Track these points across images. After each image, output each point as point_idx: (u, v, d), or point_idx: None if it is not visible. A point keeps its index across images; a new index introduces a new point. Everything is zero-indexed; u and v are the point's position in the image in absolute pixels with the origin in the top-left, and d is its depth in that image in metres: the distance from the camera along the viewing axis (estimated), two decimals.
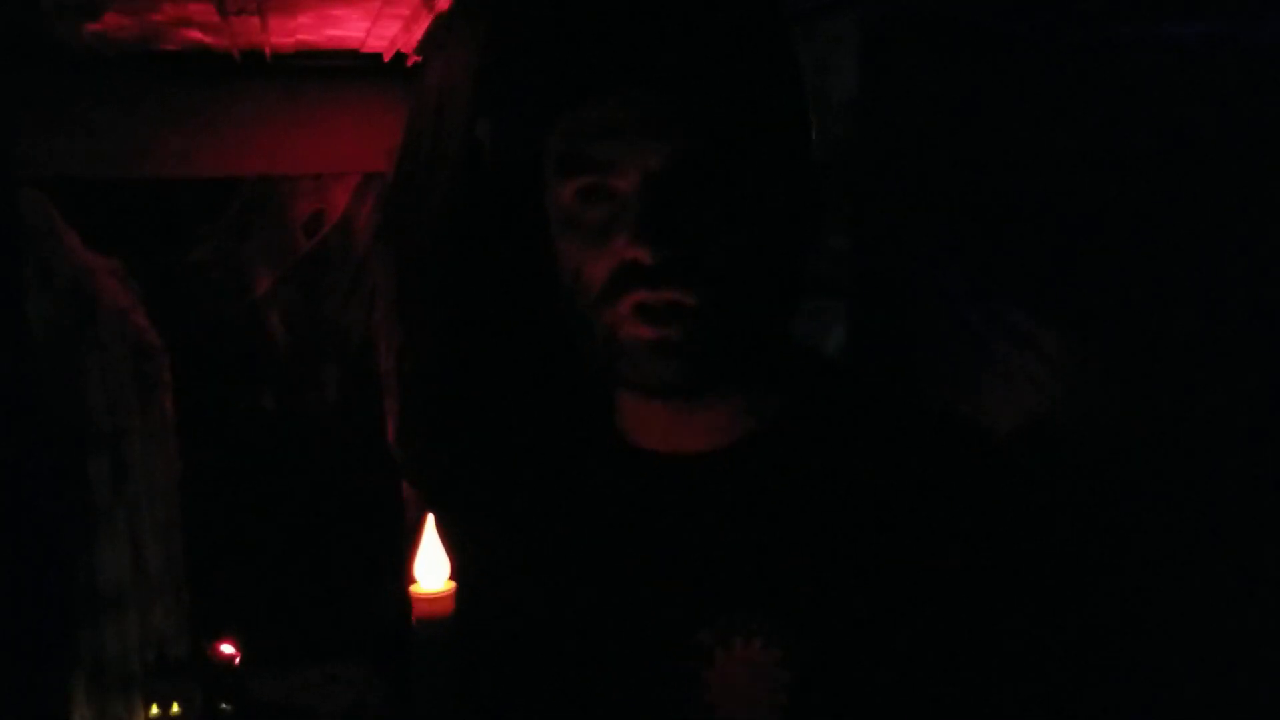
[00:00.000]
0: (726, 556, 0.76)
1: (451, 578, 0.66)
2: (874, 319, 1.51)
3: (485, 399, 2.14)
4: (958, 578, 0.73)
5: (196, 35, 2.40)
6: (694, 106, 0.73)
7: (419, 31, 2.39)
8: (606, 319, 0.75)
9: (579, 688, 0.77)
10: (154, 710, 2.34)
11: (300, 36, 2.45)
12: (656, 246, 0.72)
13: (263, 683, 2.51)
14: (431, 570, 0.65)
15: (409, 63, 2.57)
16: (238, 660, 2.51)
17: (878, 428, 0.80)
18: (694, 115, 0.73)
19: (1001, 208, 1.37)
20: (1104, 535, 1.14)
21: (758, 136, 0.76)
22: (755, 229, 0.75)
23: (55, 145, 2.40)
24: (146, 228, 2.67)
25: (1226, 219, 1.06)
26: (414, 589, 0.64)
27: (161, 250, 2.68)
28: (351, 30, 2.44)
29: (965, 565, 0.74)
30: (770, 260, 0.77)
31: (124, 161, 2.48)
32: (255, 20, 2.27)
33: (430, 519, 0.68)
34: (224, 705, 2.43)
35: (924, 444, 0.79)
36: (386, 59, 2.59)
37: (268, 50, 2.49)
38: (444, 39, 2.21)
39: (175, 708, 2.35)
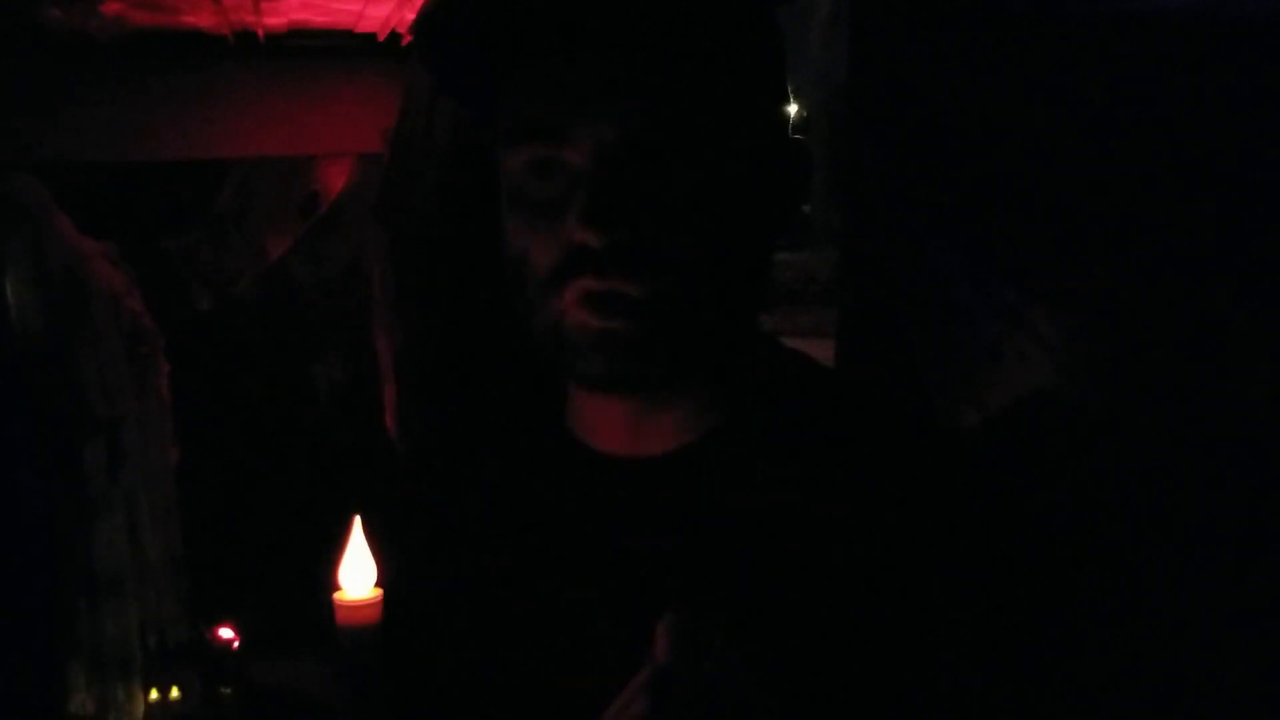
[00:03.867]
0: (674, 565, 0.72)
1: (378, 584, 0.63)
2: (864, 298, 1.49)
3: (479, 385, 2.12)
4: (917, 586, 0.70)
5: (189, 17, 2.37)
6: (654, 73, 0.68)
7: (412, 11, 2.36)
8: (553, 306, 0.70)
9: (521, 698, 0.74)
10: (153, 696, 2.34)
11: (293, 17, 2.42)
12: (607, 230, 0.66)
13: (262, 667, 2.51)
14: (357, 576, 0.63)
15: (403, 42, 2.54)
16: (237, 645, 2.50)
17: (839, 428, 0.77)
18: (654, 83, 0.67)
19: (994, 185, 1.35)
20: (1093, 517, 1.12)
21: (724, 111, 0.70)
22: (719, 214, 0.70)
23: (47, 129, 2.39)
24: (141, 211, 2.65)
25: (1219, 194, 1.04)
26: (338, 596, 0.61)
27: (156, 234, 2.67)
28: (345, 10, 2.41)
29: (924, 574, 0.70)
30: (734, 250, 0.72)
31: (117, 145, 2.47)
32: (248, 0, 2.25)
33: (358, 522, 0.65)
34: (224, 690, 2.43)
35: (884, 445, 0.75)
36: (381, 38, 2.57)
37: (261, 31, 2.46)
38: None
39: (175, 693, 2.35)
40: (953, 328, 1.38)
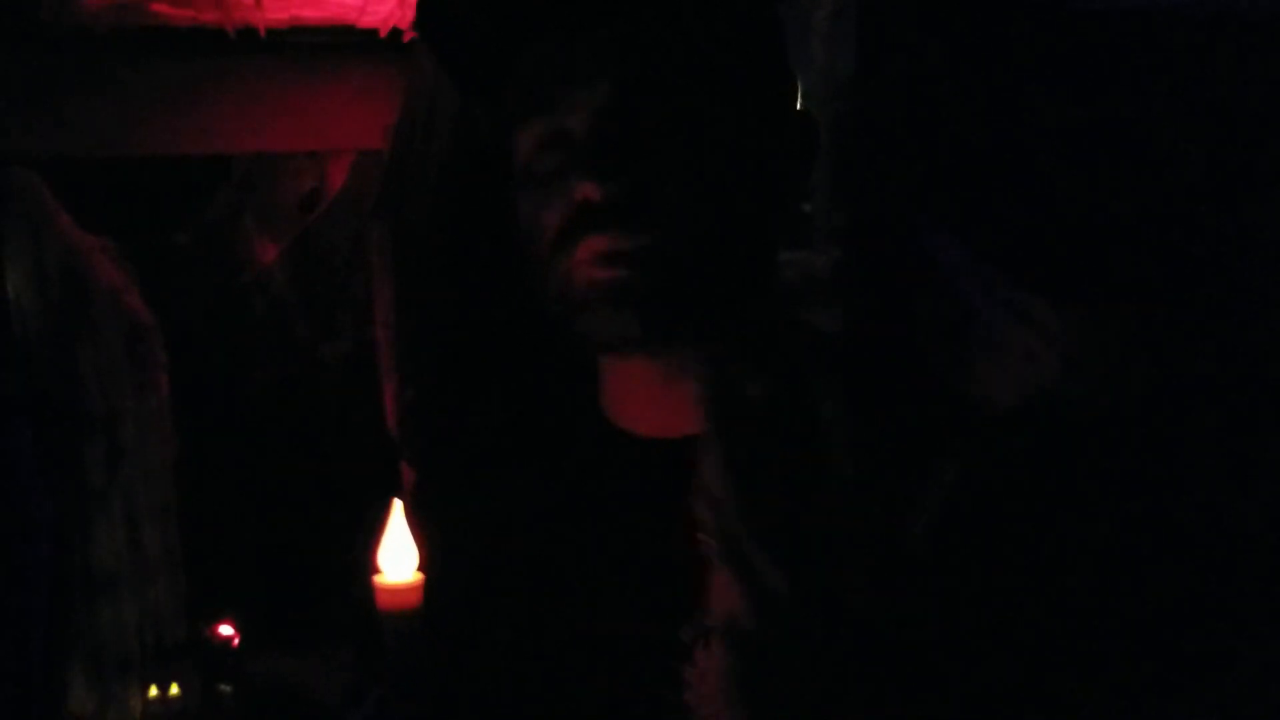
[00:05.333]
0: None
1: (420, 569, 0.63)
2: (867, 297, 1.49)
3: (484, 380, 2.12)
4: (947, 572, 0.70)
5: (190, 12, 2.36)
6: (645, 39, 0.72)
7: (414, 7, 2.35)
8: (561, 267, 0.73)
9: (555, 682, 0.74)
10: (152, 693, 2.33)
11: (295, 12, 2.41)
12: (606, 181, 0.70)
13: (262, 664, 2.50)
14: (398, 560, 0.62)
15: (405, 38, 2.54)
16: (236, 642, 2.50)
17: (863, 405, 0.77)
18: (644, 47, 0.71)
19: (999, 181, 1.36)
20: (1097, 510, 1.12)
21: (719, 75, 0.74)
22: (719, 171, 0.73)
23: (45, 124, 2.37)
24: (140, 207, 2.64)
25: (1224, 190, 1.05)
26: (378, 579, 0.61)
27: (155, 229, 2.66)
28: (346, 5, 2.40)
29: (951, 556, 0.71)
30: (737, 206, 0.75)
31: (116, 140, 2.45)
32: None
33: (397, 505, 0.65)
34: (223, 687, 2.42)
35: (910, 423, 0.77)
36: (383, 34, 2.56)
37: (262, 26, 2.45)
38: None
39: (174, 690, 2.34)
40: (958, 325, 1.39)
